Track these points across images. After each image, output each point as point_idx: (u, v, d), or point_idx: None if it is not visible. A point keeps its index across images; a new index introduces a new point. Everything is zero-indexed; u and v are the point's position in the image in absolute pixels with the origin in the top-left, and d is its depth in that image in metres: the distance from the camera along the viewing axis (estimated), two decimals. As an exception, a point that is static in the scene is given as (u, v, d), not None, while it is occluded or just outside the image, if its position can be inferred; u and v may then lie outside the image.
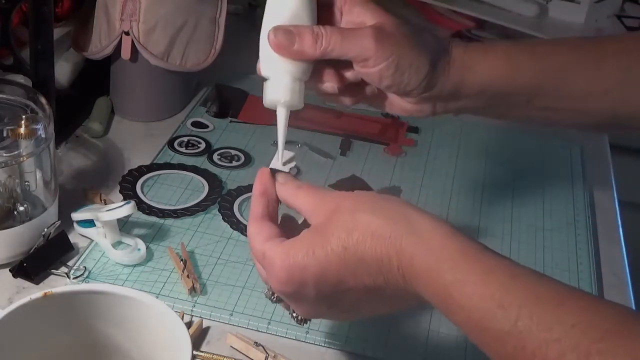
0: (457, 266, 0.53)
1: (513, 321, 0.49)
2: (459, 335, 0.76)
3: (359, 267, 0.57)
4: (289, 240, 0.60)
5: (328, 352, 0.73)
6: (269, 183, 0.65)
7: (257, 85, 1.16)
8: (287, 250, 0.59)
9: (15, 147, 0.77)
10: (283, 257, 0.59)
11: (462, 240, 0.54)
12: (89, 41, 1.04)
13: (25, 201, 0.80)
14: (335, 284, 0.58)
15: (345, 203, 0.59)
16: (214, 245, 0.84)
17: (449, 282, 0.53)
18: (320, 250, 0.57)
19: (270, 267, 0.60)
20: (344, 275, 0.57)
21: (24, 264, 0.77)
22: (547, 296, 0.50)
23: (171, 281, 0.79)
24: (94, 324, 0.60)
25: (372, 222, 0.56)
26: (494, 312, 0.50)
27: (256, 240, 0.61)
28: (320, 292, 0.59)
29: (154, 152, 0.99)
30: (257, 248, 0.61)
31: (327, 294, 0.59)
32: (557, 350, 0.47)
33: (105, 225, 0.80)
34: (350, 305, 0.61)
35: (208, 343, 0.73)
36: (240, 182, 0.95)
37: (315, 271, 0.58)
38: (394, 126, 1.10)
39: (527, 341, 0.49)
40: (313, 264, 0.58)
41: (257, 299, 0.78)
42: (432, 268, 0.54)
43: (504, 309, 0.50)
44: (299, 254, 0.58)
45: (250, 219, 0.64)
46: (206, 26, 1.05)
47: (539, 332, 0.48)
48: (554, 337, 0.48)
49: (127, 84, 1.06)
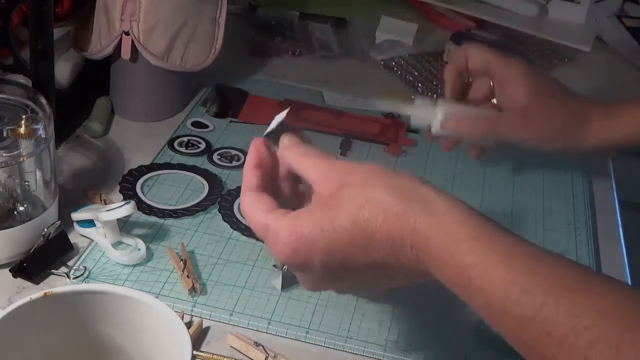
0: (475, 248, 0.51)
1: (538, 306, 0.48)
2: (460, 335, 0.76)
3: (368, 244, 0.55)
4: (294, 213, 0.58)
5: (328, 352, 0.73)
6: (264, 154, 0.63)
7: (257, 85, 1.17)
8: (293, 224, 0.57)
9: (15, 147, 0.77)
10: (289, 231, 0.57)
11: (480, 220, 0.53)
12: (89, 41, 1.04)
13: (25, 201, 0.80)
14: (343, 259, 0.56)
15: (357, 176, 0.57)
16: (214, 245, 0.84)
17: (468, 265, 0.51)
18: (329, 225, 0.55)
19: (275, 240, 0.58)
20: (352, 251, 0.56)
21: (24, 264, 0.77)
22: (573, 280, 0.49)
23: (171, 281, 0.79)
24: (94, 324, 0.60)
25: (385, 198, 0.55)
26: (517, 297, 0.49)
27: (256, 212, 0.59)
28: (327, 266, 0.57)
29: (154, 152, 0.99)
30: (258, 220, 0.59)
31: (334, 268, 0.57)
32: (587, 339, 0.46)
33: (105, 225, 0.80)
34: (357, 280, 0.59)
35: (208, 343, 0.73)
36: (240, 182, 0.94)
37: (322, 246, 0.56)
38: (394, 126, 1.10)
39: (553, 328, 0.47)
40: (320, 239, 0.56)
41: (257, 299, 0.78)
42: (448, 249, 0.52)
43: (528, 293, 0.48)
44: (305, 228, 0.56)
45: (245, 191, 0.61)
46: (206, 26, 1.05)
47: (566, 319, 0.47)
48: (583, 324, 0.46)
49: (127, 84, 1.06)
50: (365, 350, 0.74)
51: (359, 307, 0.78)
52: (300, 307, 0.77)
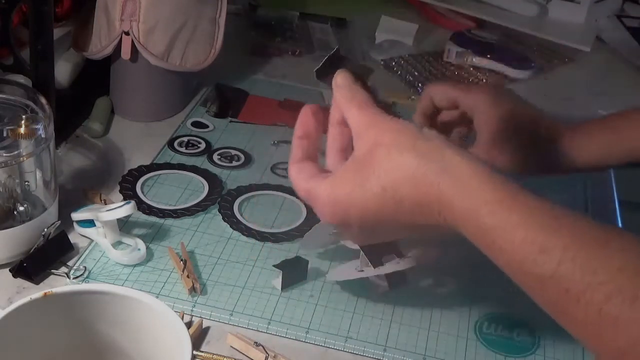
0: (495, 210, 0.53)
1: (555, 265, 0.50)
2: (460, 336, 0.76)
3: (398, 208, 0.58)
4: (331, 178, 0.62)
5: (328, 352, 0.73)
6: (311, 124, 0.67)
7: (257, 85, 1.17)
8: (329, 189, 0.61)
9: (15, 147, 0.77)
10: (327, 194, 0.61)
11: (502, 182, 0.55)
12: (89, 41, 1.04)
13: (25, 201, 0.80)
14: (376, 221, 0.60)
15: (386, 137, 0.59)
16: (214, 245, 0.84)
17: (489, 227, 0.53)
18: (360, 191, 0.59)
19: (316, 202, 0.62)
20: (383, 214, 0.59)
21: (24, 264, 0.77)
22: (590, 239, 0.50)
23: (171, 281, 0.79)
24: (94, 324, 0.60)
25: (411, 164, 0.57)
26: (536, 257, 0.51)
27: (299, 180, 0.64)
28: (363, 226, 0.61)
29: (154, 152, 0.99)
30: (301, 187, 0.64)
31: (369, 227, 0.61)
32: (602, 293, 0.48)
33: (105, 225, 0.80)
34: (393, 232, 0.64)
35: (208, 343, 0.73)
36: (240, 182, 0.95)
37: (356, 211, 0.60)
38: (394, 126, 1.09)
39: (571, 285, 0.49)
40: (354, 204, 0.59)
41: (257, 299, 0.78)
42: (471, 212, 0.54)
43: (546, 253, 0.50)
44: (341, 192, 0.60)
45: (291, 163, 0.66)
46: (206, 26, 1.05)
47: (583, 276, 0.49)
48: (599, 280, 0.48)
49: (127, 84, 1.06)
50: (365, 350, 0.74)
51: (359, 307, 0.78)
52: (300, 307, 0.77)
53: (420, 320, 0.77)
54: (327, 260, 0.83)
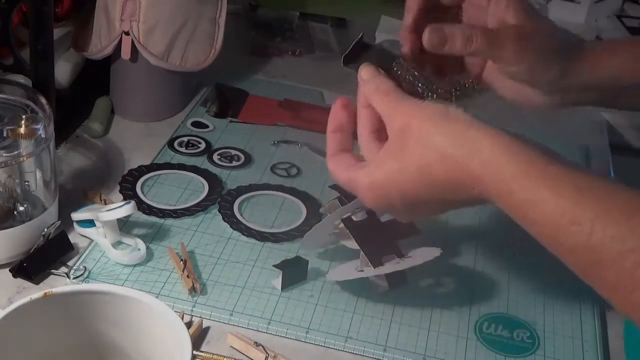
0: (525, 185, 0.55)
1: (586, 236, 0.52)
2: (460, 336, 0.76)
3: (433, 186, 0.61)
4: (368, 165, 0.65)
5: (328, 352, 0.73)
6: (343, 117, 0.70)
7: (257, 85, 1.17)
8: (368, 175, 0.64)
9: (15, 147, 0.77)
10: (367, 180, 0.64)
11: (528, 155, 0.57)
12: (89, 41, 1.04)
13: (25, 201, 0.80)
14: (415, 200, 0.63)
15: (415, 122, 0.62)
16: (214, 245, 0.84)
17: (521, 201, 0.56)
18: (398, 175, 0.62)
19: (357, 189, 0.66)
20: (419, 192, 0.62)
21: (24, 264, 0.77)
22: (619, 207, 0.52)
23: (171, 281, 0.79)
24: (94, 324, 0.60)
25: (440, 147, 0.60)
26: (567, 229, 0.53)
27: (339, 172, 0.67)
28: (407, 206, 0.64)
29: (154, 152, 0.99)
30: (341, 177, 0.67)
31: (413, 206, 0.65)
32: (632, 261, 0.50)
33: (105, 225, 0.80)
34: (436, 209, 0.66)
35: (208, 343, 0.73)
36: (240, 182, 0.95)
37: (395, 191, 0.63)
38: (394, 126, 1.10)
39: (603, 254, 0.51)
40: (393, 186, 0.63)
41: (257, 299, 0.78)
42: (501, 188, 0.57)
43: (577, 224, 0.52)
44: (380, 177, 0.64)
45: (328, 157, 0.69)
46: (206, 26, 1.05)
47: (613, 245, 0.51)
48: (628, 247, 0.50)
49: (127, 84, 1.06)
50: (365, 350, 0.74)
51: (359, 307, 0.78)
52: (300, 307, 0.77)
53: (420, 320, 0.77)
54: (327, 260, 0.83)
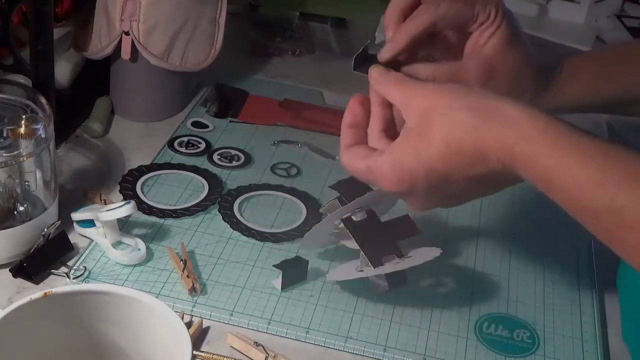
0: (555, 152, 0.57)
1: (610, 198, 0.54)
2: (460, 336, 0.76)
3: (461, 160, 0.61)
4: (389, 149, 0.64)
5: (328, 352, 0.73)
6: (359, 113, 0.69)
7: (257, 85, 1.17)
8: (392, 159, 0.63)
9: (15, 147, 0.77)
10: (391, 162, 0.63)
11: (554, 125, 0.58)
12: (89, 41, 1.04)
13: (25, 201, 0.80)
14: (443, 178, 0.62)
15: (439, 102, 0.62)
16: (214, 245, 0.84)
17: (549, 167, 0.57)
18: (426, 152, 0.61)
19: (378, 175, 0.64)
20: (449, 169, 0.61)
21: (24, 264, 0.77)
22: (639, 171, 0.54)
23: (171, 281, 0.79)
24: (94, 324, 0.60)
25: (469, 120, 0.60)
26: (592, 191, 0.55)
27: (355, 162, 0.66)
28: (430, 188, 0.63)
29: (154, 152, 0.99)
30: (359, 167, 0.65)
31: (437, 188, 0.63)
32: None
33: (105, 225, 0.80)
34: (457, 193, 0.65)
35: (208, 343, 0.73)
36: (240, 182, 0.95)
37: (424, 172, 0.62)
38: (394, 126, 1.10)
39: (625, 215, 0.54)
40: (421, 166, 0.62)
41: (257, 299, 0.78)
42: (531, 156, 0.58)
43: (602, 186, 0.55)
44: (406, 158, 0.62)
45: (342, 150, 0.68)
46: (206, 26, 1.05)
47: (635, 207, 0.53)
48: None
49: (127, 84, 1.06)
50: (365, 350, 0.74)
51: (359, 307, 0.78)
52: (300, 307, 0.77)
53: (420, 320, 0.77)
54: (327, 260, 0.83)
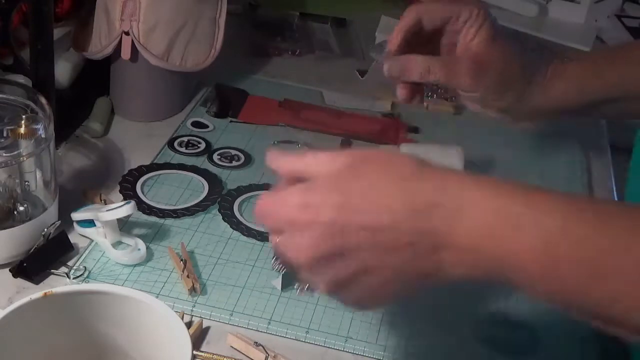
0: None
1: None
2: (460, 336, 0.76)
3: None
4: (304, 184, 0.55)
5: (328, 352, 0.73)
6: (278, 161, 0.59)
7: (257, 85, 1.17)
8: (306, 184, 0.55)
9: (15, 147, 0.77)
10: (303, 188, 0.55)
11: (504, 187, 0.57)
12: (89, 41, 1.04)
13: (25, 201, 0.80)
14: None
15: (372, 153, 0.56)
16: (214, 245, 0.84)
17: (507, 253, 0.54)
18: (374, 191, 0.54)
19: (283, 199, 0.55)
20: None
21: (24, 264, 0.77)
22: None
23: (171, 281, 0.79)
24: (94, 324, 0.60)
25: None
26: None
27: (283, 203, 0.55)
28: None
29: (154, 152, 0.99)
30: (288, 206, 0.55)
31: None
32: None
33: (105, 225, 0.80)
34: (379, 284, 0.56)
35: (208, 343, 0.73)
36: (240, 182, 0.95)
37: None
38: (394, 126, 1.10)
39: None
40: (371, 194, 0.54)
41: (257, 299, 0.78)
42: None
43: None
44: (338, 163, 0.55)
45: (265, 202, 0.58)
46: (206, 26, 1.05)
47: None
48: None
49: (127, 84, 1.06)
50: (365, 350, 0.74)
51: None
52: (300, 307, 0.77)
53: (420, 320, 0.77)
54: (327, 260, 0.83)
